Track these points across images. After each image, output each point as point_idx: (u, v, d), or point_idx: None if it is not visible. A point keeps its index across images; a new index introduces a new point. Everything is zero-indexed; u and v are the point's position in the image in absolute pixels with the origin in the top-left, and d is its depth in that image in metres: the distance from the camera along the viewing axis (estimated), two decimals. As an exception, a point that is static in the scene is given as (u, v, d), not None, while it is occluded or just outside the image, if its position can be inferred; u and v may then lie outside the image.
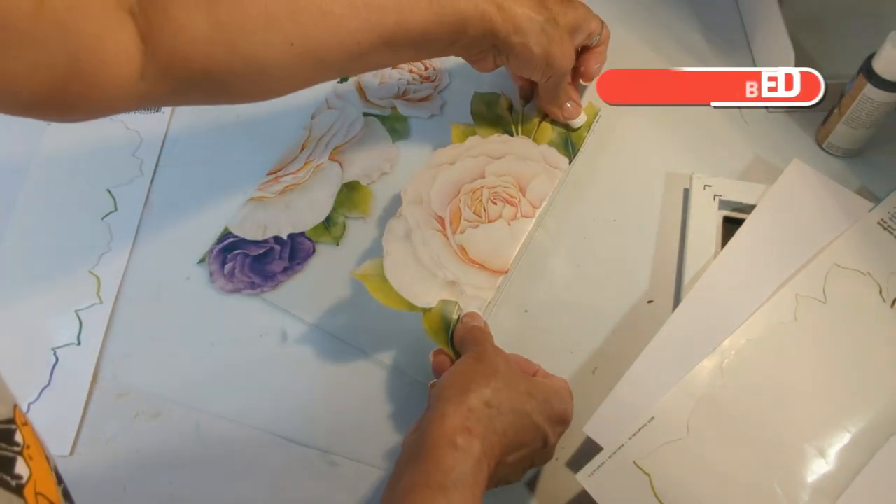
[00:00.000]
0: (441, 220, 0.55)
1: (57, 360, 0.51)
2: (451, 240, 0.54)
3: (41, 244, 0.57)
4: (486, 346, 0.46)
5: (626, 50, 0.68)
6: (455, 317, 0.50)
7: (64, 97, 0.37)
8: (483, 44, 0.52)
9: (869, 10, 0.68)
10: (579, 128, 0.61)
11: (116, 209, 0.58)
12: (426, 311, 0.51)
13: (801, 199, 0.55)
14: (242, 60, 0.43)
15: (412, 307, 0.51)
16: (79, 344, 0.52)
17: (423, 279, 0.52)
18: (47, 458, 0.27)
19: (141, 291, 0.55)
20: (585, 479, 0.44)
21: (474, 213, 0.55)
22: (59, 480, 0.28)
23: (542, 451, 0.43)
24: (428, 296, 0.51)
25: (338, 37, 0.45)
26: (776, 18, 0.62)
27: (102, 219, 0.58)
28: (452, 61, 0.66)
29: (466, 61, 0.55)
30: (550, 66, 0.54)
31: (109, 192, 0.59)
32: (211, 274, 0.55)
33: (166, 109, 0.63)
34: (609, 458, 0.44)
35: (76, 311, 0.53)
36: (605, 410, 0.47)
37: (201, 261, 0.56)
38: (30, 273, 0.55)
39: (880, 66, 0.53)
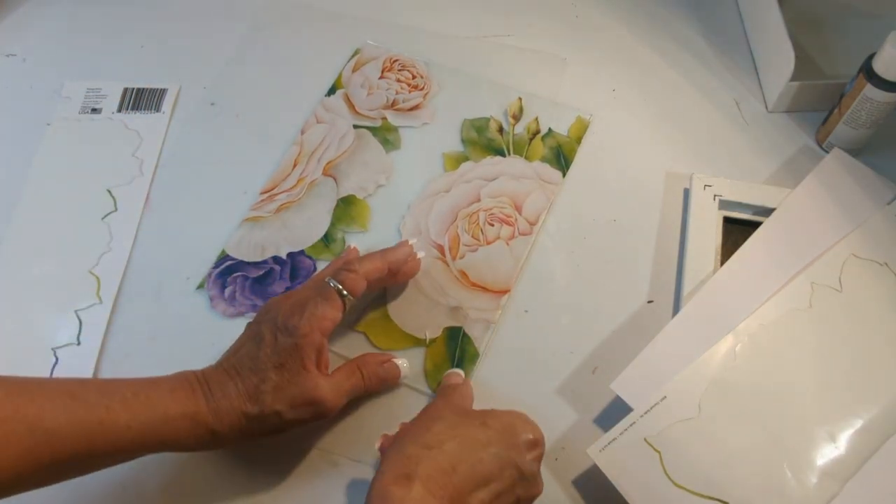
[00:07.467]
0: (440, 248, 0.55)
1: (57, 360, 0.51)
2: (452, 266, 0.55)
3: (41, 244, 0.57)
4: (437, 399, 0.46)
5: (626, 50, 0.69)
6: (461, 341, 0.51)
7: None
8: None
9: (869, 10, 0.68)
10: (570, 143, 0.61)
11: (116, 209, 0.58)
12: (432, 341, 0.51)
13: (839, 187, 0.56)
14: None
15: (418, 341, 0.51)
16: (79, 344, 0.52)
17: (428, 309, 0.52)
18: None
19: (141, 291, 0.55)
20: (596, 454, 0.45)
21: (472, 237, 0.56)
22: None
23: (522, 483, 0.40)
24: (433, 325, 0.52)
25: None
26: (776, 18, 0.62)
27: (102, 219, 0.58)
28: (440, 70, 0.66)
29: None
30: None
31: (109, 192, 0.59)
32: (211, 299, 0.54)
33: (166, 109, 0.63)
34: (620, 434, 0.45)
35: (76, 311, 0.53)
36: (632, 370, 0.48)
37: (200, 286, 0.54)
38: (30, 273, 0.55)
39: (880, 66, 0.53)
